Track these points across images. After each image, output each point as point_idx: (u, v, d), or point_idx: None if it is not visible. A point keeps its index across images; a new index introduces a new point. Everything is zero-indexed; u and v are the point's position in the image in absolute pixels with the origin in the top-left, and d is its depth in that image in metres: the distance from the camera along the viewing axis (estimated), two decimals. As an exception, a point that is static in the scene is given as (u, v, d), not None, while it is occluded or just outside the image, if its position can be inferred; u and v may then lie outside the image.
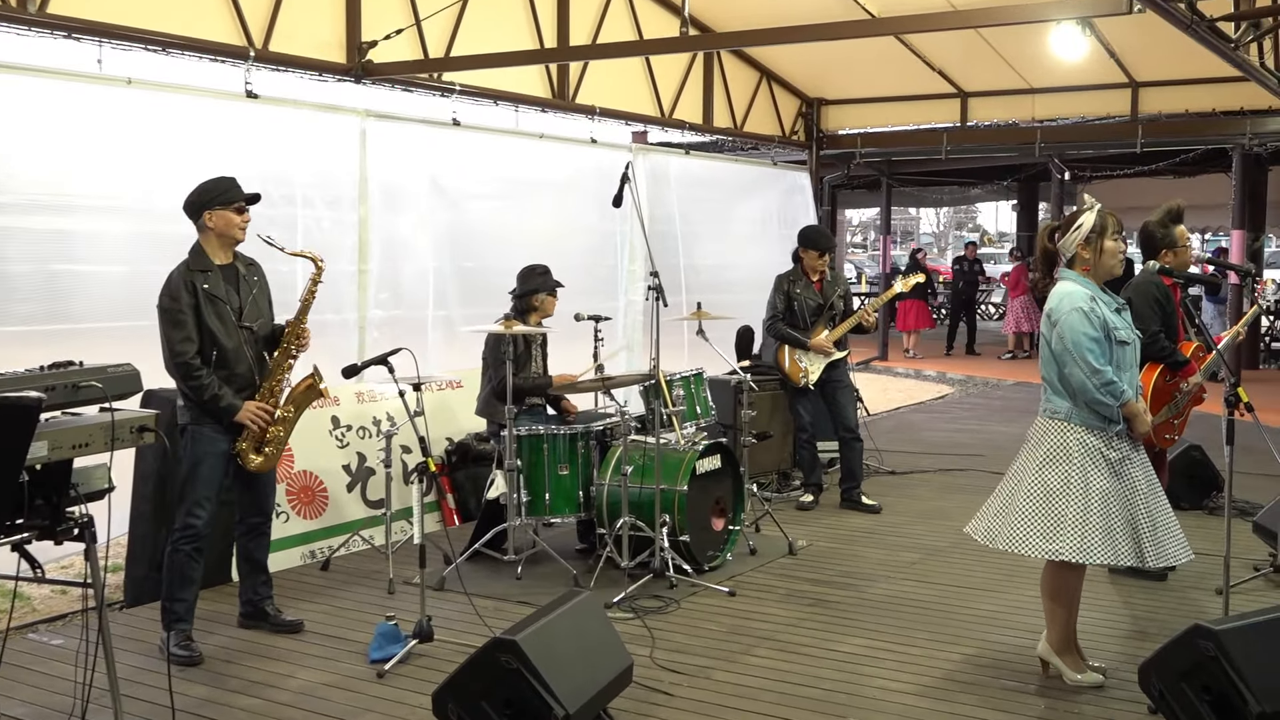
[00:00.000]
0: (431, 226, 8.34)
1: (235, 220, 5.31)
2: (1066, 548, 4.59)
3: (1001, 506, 4.84)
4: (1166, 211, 6.14)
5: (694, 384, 7.01)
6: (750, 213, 11.96)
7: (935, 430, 11.93)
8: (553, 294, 6.95)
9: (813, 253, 8.12)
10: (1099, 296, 4.70)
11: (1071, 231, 4.76)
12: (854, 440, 8.15)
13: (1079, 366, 4.59)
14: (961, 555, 6.89)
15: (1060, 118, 12.61)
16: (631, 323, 9.98)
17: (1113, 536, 4.58)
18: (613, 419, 6.84)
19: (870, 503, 8.12)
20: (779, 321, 8.15)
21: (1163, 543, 4.65)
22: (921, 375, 17.47)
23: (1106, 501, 4.59)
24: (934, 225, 70.22)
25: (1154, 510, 4.67)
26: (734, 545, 6.82)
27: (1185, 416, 6.31)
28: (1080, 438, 4.64)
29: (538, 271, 6.97)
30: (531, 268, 6.99)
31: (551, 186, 9.31)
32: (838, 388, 8.18)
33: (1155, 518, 4.66)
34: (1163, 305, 6.05)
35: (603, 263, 9.80)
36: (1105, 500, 4.59)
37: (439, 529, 7.48)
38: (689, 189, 10.80)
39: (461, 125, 8.62)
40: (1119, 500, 4.61)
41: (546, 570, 6.52)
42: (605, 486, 6.56)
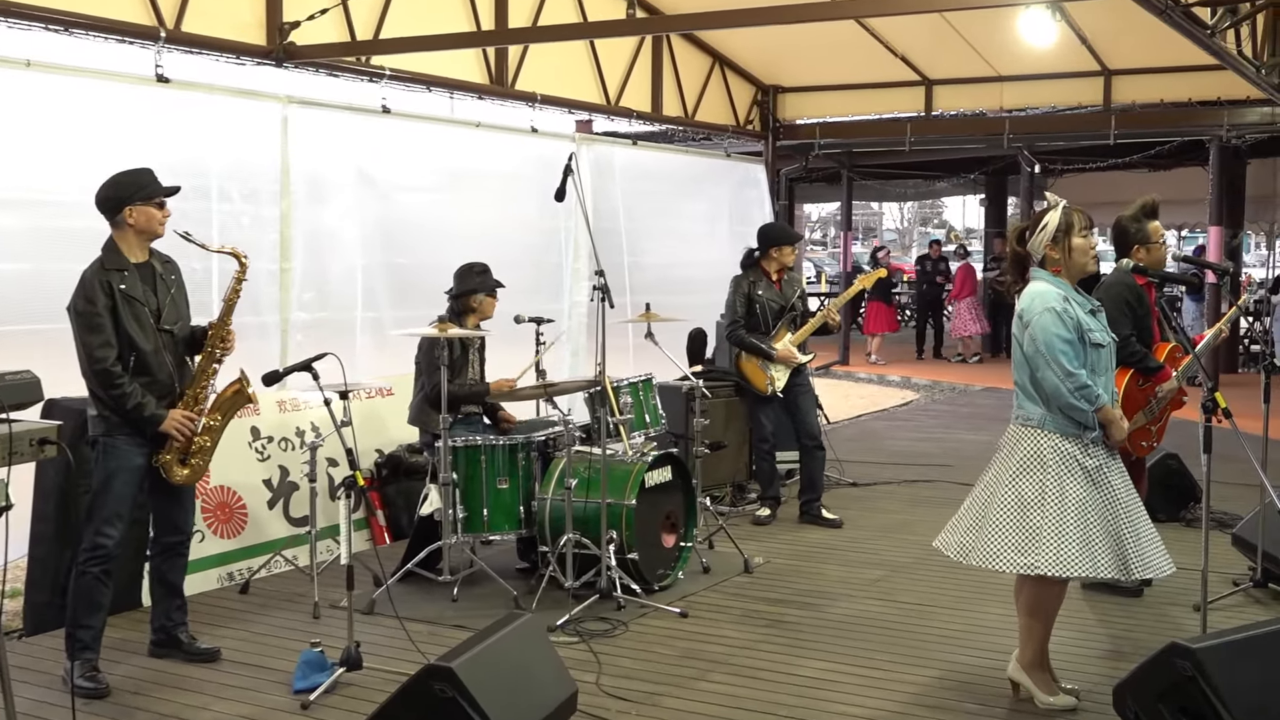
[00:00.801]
0: (360, 221, 8.30)
1: (157, 216, 5.27)
2: (1043, 561, 4.64)
3: (975, 520, 4.88)
4: (1141, 206, 6.24)
5: (643, 390, 7.01)
6: (701, 208, 11.99)
7: (900, 439, 12.02)
8: (492, 295, 6.94)
9: (786, 249, 8.19)
10: (1072, 297, 4.78)
11: (1038, 232, 4.84)
12: (816, 449, 8.20)
13: (1052, 369, 4.66)
14: (927, 571, 6.95)
15: (1029, 107, 12.75)
16: (576, 325, 9.98)
17: (1091, 548, 4.64)
18: (555, 429, 6.83)
19: (831, 516, 8.17)
20: (739, 328, 8.18)
21: (1147, 553, 4.73)
22: (885, 381, 17.61)
23: (1084, 511, 4.66)
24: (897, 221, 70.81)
25: (1136, 519, 4.75)
26: (686, 563, 6.83)
27: (1164, 422, 6.40)
28: (1055, 445, 4.71)
29: (476, 270, 6.96)
30: (469, 266, 6.98)
31: (489, 178, 9.28)
32: (800, 393, 8.23)
33: (1137, 527, 4.74)
34: (1134, 307, 6.14)
35: (545, 261, 9.79)
36: (1082, 510, 4.66)
37: (368, 548, 7.44)
38: (636, 182, 10.81)
39: (392, 113, 8.58)
40: (1097, 510, 4.68)
41: (484, 591, 6.50)
42: (548, 501, 6.55)
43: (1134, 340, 6.07)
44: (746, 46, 12.29)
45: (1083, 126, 12.82)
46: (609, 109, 10.95)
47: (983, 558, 4.78)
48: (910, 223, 70.16)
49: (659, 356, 7.40)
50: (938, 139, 13.92)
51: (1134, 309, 6.14)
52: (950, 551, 4.95)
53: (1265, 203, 20.43)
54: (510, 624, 4.54)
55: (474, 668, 4.12)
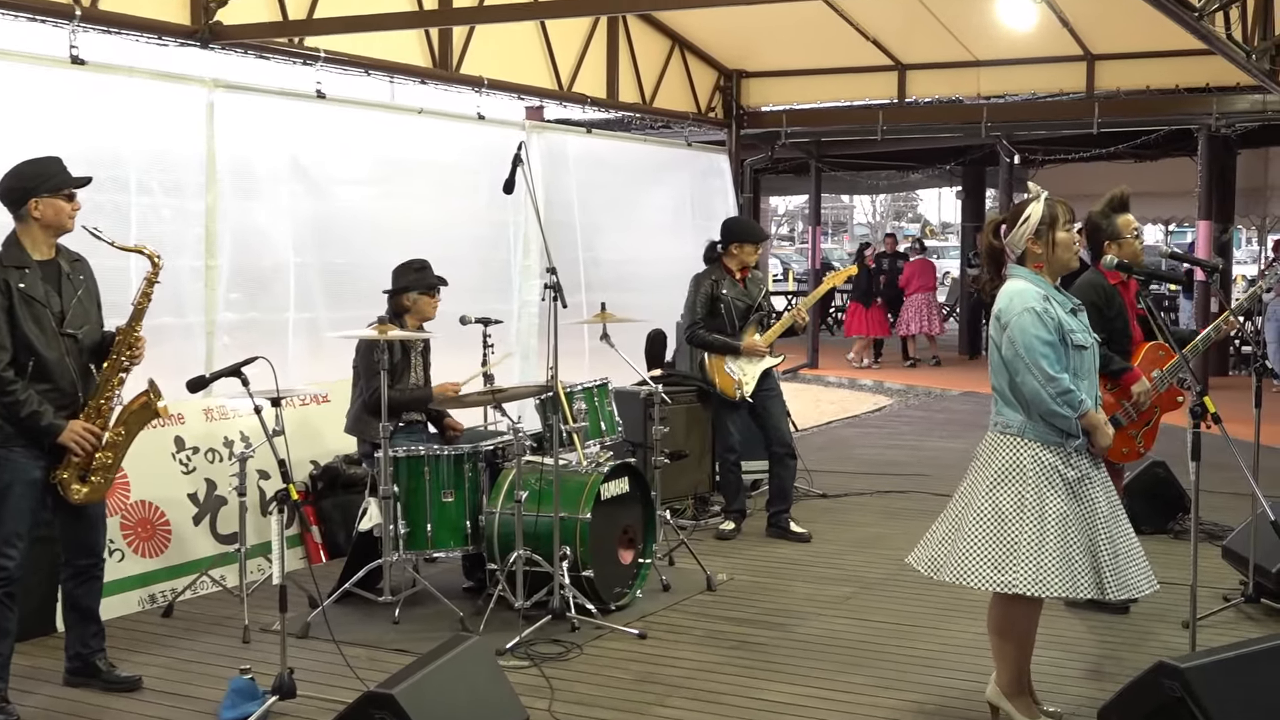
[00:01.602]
0: (292, 215, 8.25)
1: (66, 209, 5.21)
2: (1020, 579, 4.67)
3: (947, 533, 4.91)
4: (1109, 199, 6.32)
5: (598, 396, 7.02)
6: (661, 200, 12.00)
7: (872, 447, 12.09)
8: (429, 293, 6.92)
9: (748, 246, 8.21)
10: (1053, 295, 4.81)
11: (1019, 225, 4.86)
12: (788, 456, 8.23)
13: (1032, 374, 4.69)
14: (901, 588, 6.99)
15: (1008, 94, 12.84)
16: (526, 326, 9.96)
17: (1070, 565, 4.67)
18: (504, 437, 6.82)
19: (799, 530, 8.21)
20: (699, 328, 8.20)
21: (1124, 572, 4.76)
22: (856, 385, 17.70)
23: (1064, 526, 4.68)
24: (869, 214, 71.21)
25: (1115, 535, 4.78)
26: (645, 581, 6.83)
27: (1153, 425, 6.46)
28: (1035, 454, 4.74)
29: (413, 267, 6.94)
30: (406, 263, 6.97)
31: (433, 169, 9.25)
32: (768, 397, 8.26)
33: (1116, 544, 4.77)
34: (1100, 308, 6.19)
35: (492, 258, 9.76)
36: (1062, 524, 4.68)
37: (302, 567, 7.40)
38: (590, 172, 10.80)
39: (327, 98, 8.53)
40: (1077, 524, 4.71)
41: (428, 613, 6.48)
42: (496, 515, 6.54)
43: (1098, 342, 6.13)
44: (708, 28, 12.32)
45: (1064, 115, 12.93)
46: (561, 95, 10.94)
47: (955, 573, 4.81)
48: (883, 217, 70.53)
49: (615, 360, 7.40)
50: (911, 128, 14.01)
51: (1100, 309, 6.20)
52: (921, 566, 4.98)
53: (1256, 196, 20.69)
54: (456, 647, 4.53)
55: (417, 695, 4.11)
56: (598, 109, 11.58)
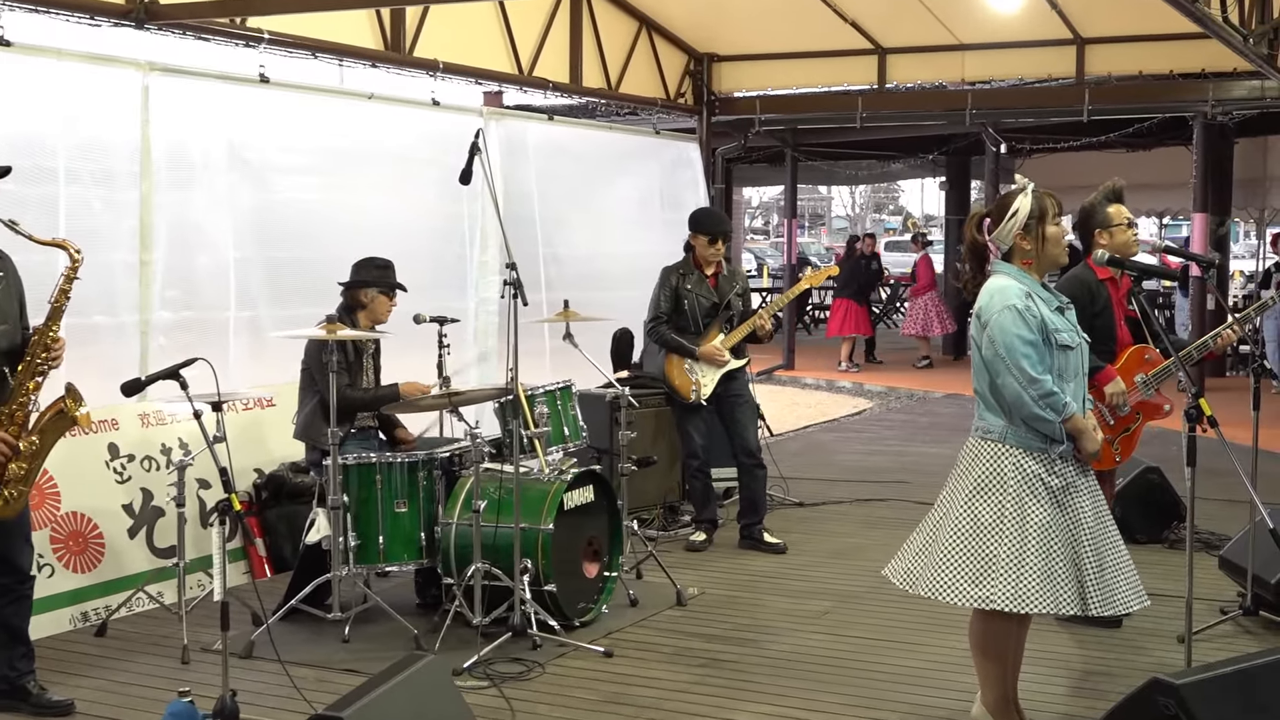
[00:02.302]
0: (232, 208, 8.21)
1: None
2: (999, 594, 4.70)
3: (924, 544, 4.94)
4: (1105, 188, 6.40)
5: (561, 400, 7.02)
6: (627, 192, 12.01)
7: (851, 453, 12.13)
8: (388, 294, 6.93)
9: (702, 239, 8.21)
10: (1036, 293, 4.83)
11: (1006, 220, 4.88)
12: (756, 467, 8.25)
13: (1013, 376, 4.71)
14: (882, 603, 7.02)
15: (994, 80, 12.90)
16: (484, 325, 9.95)
17: (1053, 580, 4.69)
18: (461, 444, 6.81)
19: (774, 541, 8.23)
20: (662, 324, 8.23)
21: (1110, 586, 4.78)
22: (835, 388, 17.77)
23: (1046, 538, 4.71)
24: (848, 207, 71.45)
25: (1101, 547, 4.81)
26: (611, 596, 6.84)
27: (1133, 432, 6.51)
28: (1017, 462, 4.76)
29: (376, 264, 6.96)
30: (370, 259, 6.98)
31: (384, 159, 9.23)
32: (736, 403, 8.27)
33: (1102, 556, 4.79)
34: (1084, 305, 6.24)
35: (447, 253, 9.74)
36: (1044, 536, 4.71)
37: (245, 582, 7.37)
38: (551, 162, 10.79)
39: (271, 83, 8.50)
40: (1060, 535, 4.73)
41: (380, 630, 6.47)
42: (453, 526, 6.53)
43: None
44: (678, 9, 12.33)
45: (1053, 101, 13.00)
46: (521, 79, 10.94)
47: (931, 587, 4.83)
48: (863, 209, 70.78)
49: (579, 361, 7.40)
50: (893, 115, 14.06)
51: (1082, 305, 6.25)
52: (897, 579, 5.00)
53: (1254, 187, 20.78)
54: (410, 667, 4.53)
55: (368, 718, 4.10)
56: (560, 95, 11.57)
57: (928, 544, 4.92)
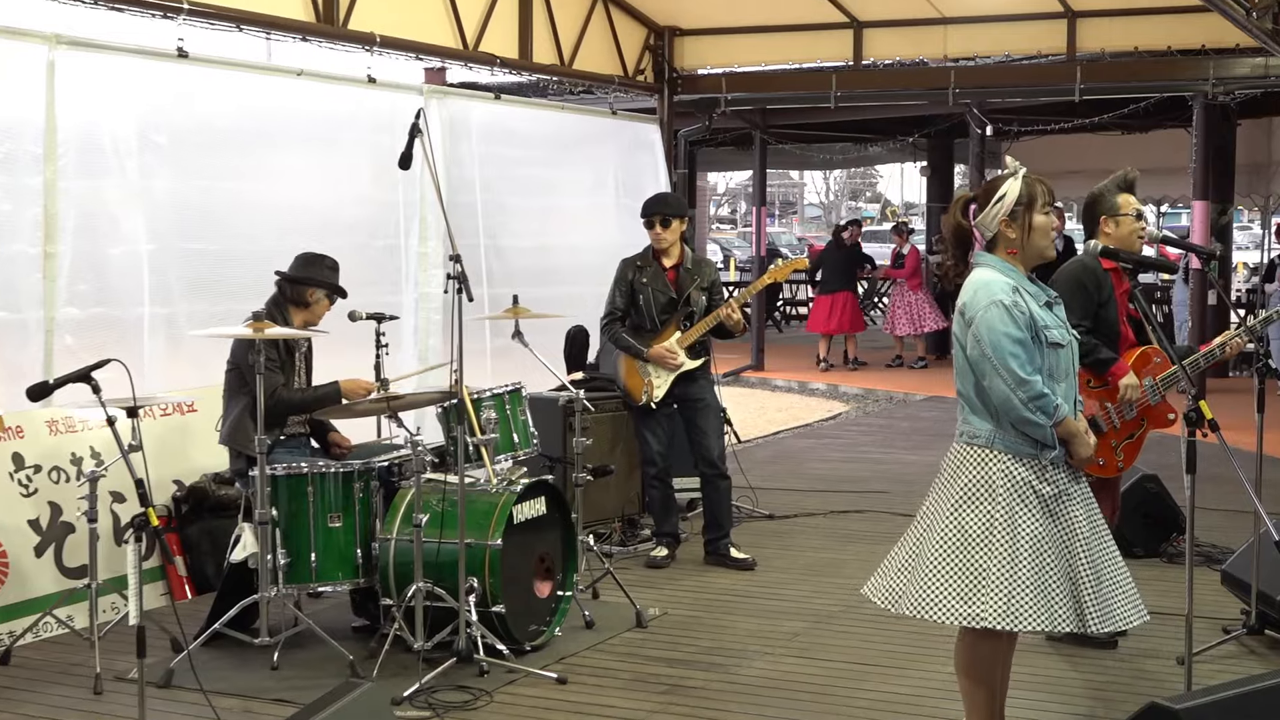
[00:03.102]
0: (147, 195, 8.16)
1: None
2: (990, 611, 4.72)
3: (907, 559, 4.96)
4: (1118, 176, 6.47)
5: (510, 404, 7.02)
6: (581, 177, 12.01)
7: (825, 460, 12.17)
8: (331, 298, 6.96)
9: (645, 223, 8.23)
10: (1024, 287, 4.86)
11: (992, 205, 4.92)
12: (719, 477, 8.27)
13: (1000, 376, 4.74)
14: (859, 623, 7.05)
15: (979, 56, 12.96)
16: (425, 323, 9.93)
17: (1047, 595, 4.72)
18: (401, 452, 6.80)
19: (741, 556, 8.26)
20: (615, 321, 8.24)
21: (1109, 601, 4.82)
22: (807, 390, 17.82)
23: (1038, 550, 4.74)
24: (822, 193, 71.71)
25: (1098, 559, 4.84)
26: (564, 617, 6.85)
27: (1138, 438, 6.56)
28: (1005, 468, 4.79)
29: (327, 264, 6.98)
30: (320, 257, 6.99)
31: (315, 141, 9.20)
32: (698, 408, 8.28)
33: (1099, 568, 4.83)
34: (1089, 291, 6.31)
35: (385, 244, 9.71)
36: (1037, 548, 4.74)
37: (164, 604, 7.34)
38: (497, 145, 10.78)
39: (191, 58, 8.46)
40: (1053, 547, 4.76)
41: (313, 656, 6.46)
42: (392, 542, 6.52)
43: (1081, 331, 6.22)
44: (636, -22, 12.35)
45: (1043, 79, 13.08)
46: (466, 55, 10.92)
47: (916, 605, 4.85)
48: (837, 195, 71.03)
49: (530, 362, 7.40)
50: (870, 94, 14.10)
51: (1087, 295, 6.31)
52: (878, 598, 5.02)
53: (1258, 172, 20.97)
54: (345, 696, 4.52)
55: (299, 752, 4.09)
56: (508, 71, 11.56)
57: (911, 559, 4.93)
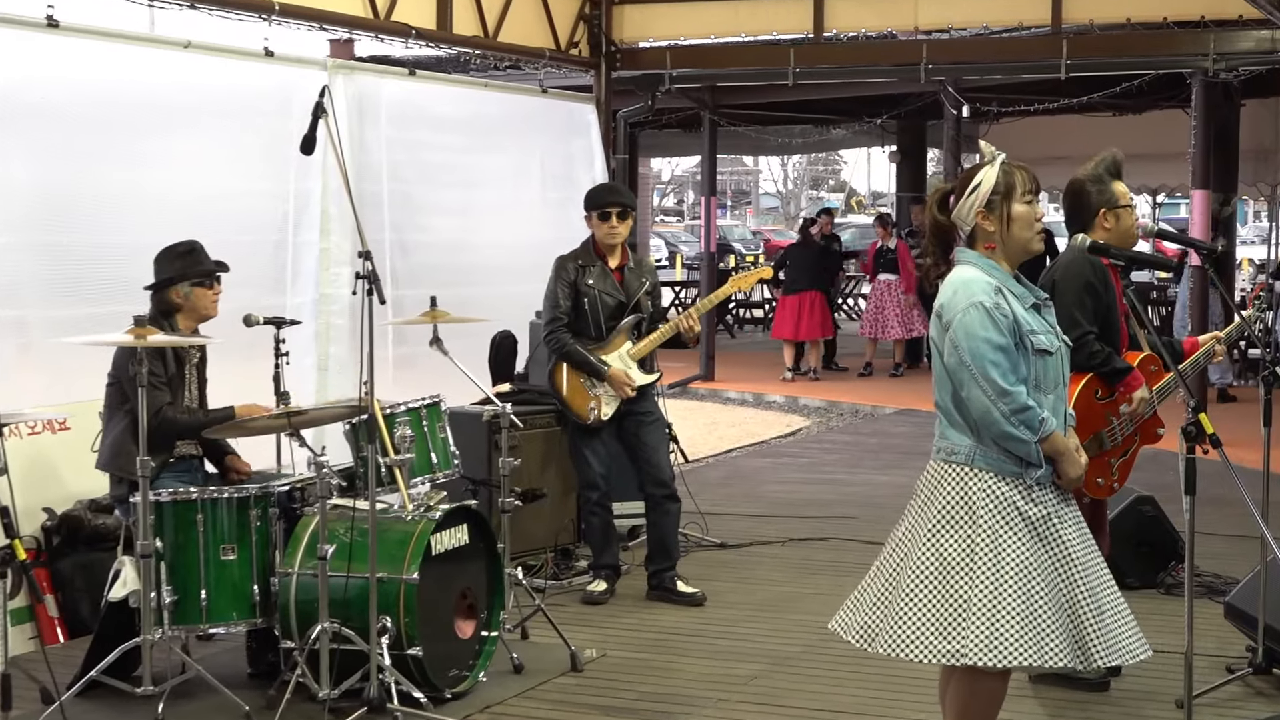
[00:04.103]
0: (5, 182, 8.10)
1: None
2: (973, 647, 4.74)
3: (881, 592, 4.98)
4: (1102, 162, 6.46)
5: (427, 419, 7.01)
6: (506, 164, 11.98)
7: (784, 482, 12.19)
8: (205, 284, 6.88)
9: (595, 217, 8.21)
10: (1009, 287, 4.90)
11: (967, 195, 4.95)
12: (669, 499, 8.27)
13: (979, 386, 4.77)
14: (824, 665, 7.07)
15: (954, 28, 13.05)
16: (327, 329, 9.88)
17: (1037, 627, 4.75)
18: (304, 475, 6.77)
19: (689, 591, 8.26)
20: (562, 329, 8.18)
21: (1114, 632, 4.86)
22: (763, 403, 17.84)
23: (1026, 577, 4.77)
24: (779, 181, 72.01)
25: (1096, 586, 4.88)
26: (490, 660, 6.84)
27: (1130, 455, 6.61)
28: (988, 488, 4.82)
29: (178, 251, 6.89)
30: (170, 248, 6.91)
31: (202, 122, 9.13)
32: (643, 423, 8.28)
33: (1099, 597, 4.87)
34: (1097, 294, 6.33)
35: (281, 239, 9.65)
36: (1024, 576, 4.77)
37: (33, 649, 7.28)
38: (410, 128, 10.73)
39: (61, 27, 8.40)
40: (1043, 575, 4.79)
41: (203, 706, 6.42)
42: (294, 577, 6.49)
43: (1093, 338, 6.27)
44: (568, -61, 12.36)
45: (1025, 55, 13.17)
46: (376, 25, 10.90)
47: (891, 643, 4.87)
48: (797, 184, 71.36)
49: (450, 371, 7.39)
50: (832, 70, 14.20)
51: (1097, 296, 6.32)
52: (850, 635, 5.04)
53: (1265, 158, 21.08)
54: (240, 752, 4.50)
55: (189, 815, 4.08)
56: (424, 44, 11.55)
57: (885, 591, 4.95)
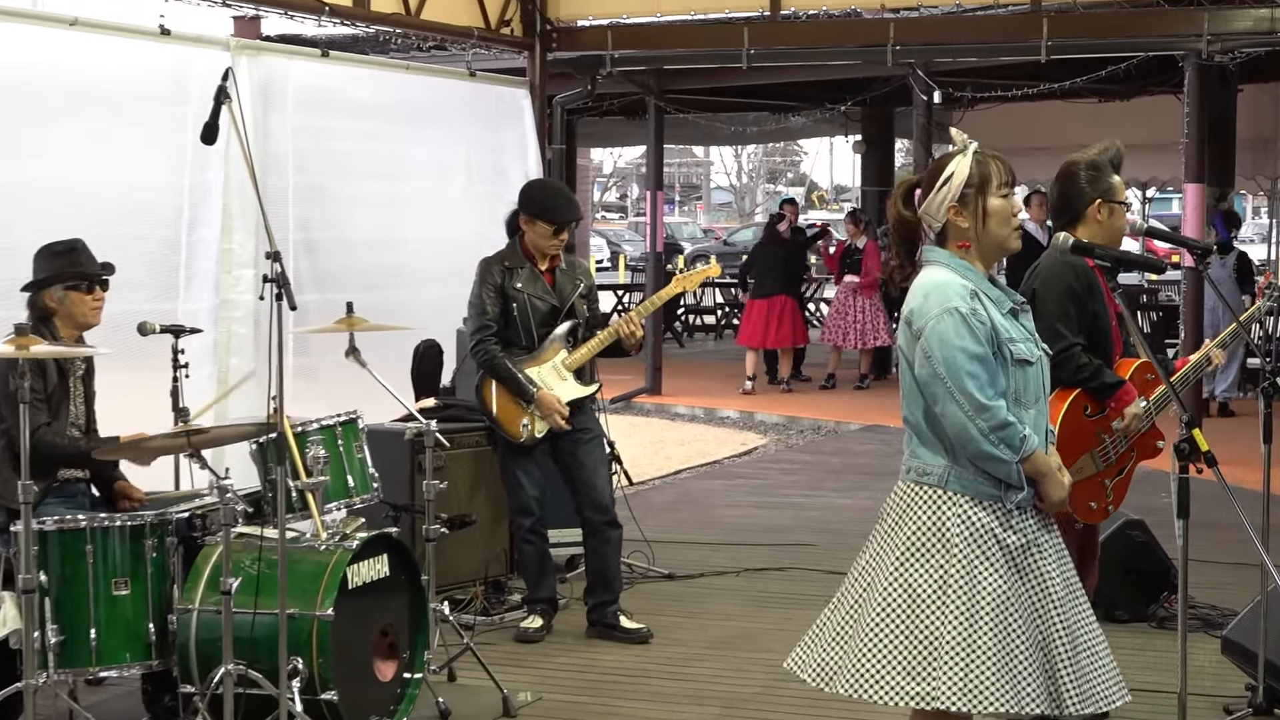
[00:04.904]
0: None
1: None
2: (944, 688, 4.75)
3: (842, 626, 4.98)
4: (1104, 151, 6.46)
5: (343, 438, 7.00)
6: (429, 155, 11.94)
7: (738, 506, 12.21)
8: (85, 288, 6.84)
9: (543, 226, 8.18)
10: (984, 290, 4.90)
11: (938, 188, 4.95)
12: (610, 526, 8.27)
13: (955, 401, 4.77)
14: (781, 707, 7.09)
15: (925, 5, 13.10)
16: (228, 337, 9.82)
17: (1013, 669, 4.76)
18: (205, 500, 6.74)
19: (634, 626, 8.27)
20: (491, 339, 8.16)
21: (1088, 676, 4.87)
22: (716, 418, 17.86)
23: (1003, 614, 4.78)
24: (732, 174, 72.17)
25: (1075, 626, 4.90)
26: (413, 705, 6.83)
27: (1126, 474, 6.62)
28: (963, 514, 4.82)
29: (54, 250, 6.85)
30: (47, 246, 6.87)
31: (90, 108, 9.07)
32: (581, 441, 8.28)
33: (1076, 637, 4.89)
34: (1082, 299, 6.32)
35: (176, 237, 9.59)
36: (1001, 611, 4.78)
37: (-99, 697, 7.22)
38: (321, 115, 10.68)
39: (-66, 3, 8.36)
40: (1020, 611, 4.81)
41: (93, 760, 6.39)
42: (194, 614, 6.46)
43: (1080, 350, 6.27)
44: (499, -93, 12.37)
45: (1002, 35, 13.24)
46: (286, 1, 10.88)
47: (853, 683, 4.87)
48: (752, 177, 71.55)
49: (368, 385, 7.38)
50: (790, 52, 14.23)
51: (1082, 302, 6.32)
52: (807, 674, 5.04)
53: (1264, 149, 21.15)
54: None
55: None
56: (338, 22, 11.53)
57: (847, 625, 4.95)
